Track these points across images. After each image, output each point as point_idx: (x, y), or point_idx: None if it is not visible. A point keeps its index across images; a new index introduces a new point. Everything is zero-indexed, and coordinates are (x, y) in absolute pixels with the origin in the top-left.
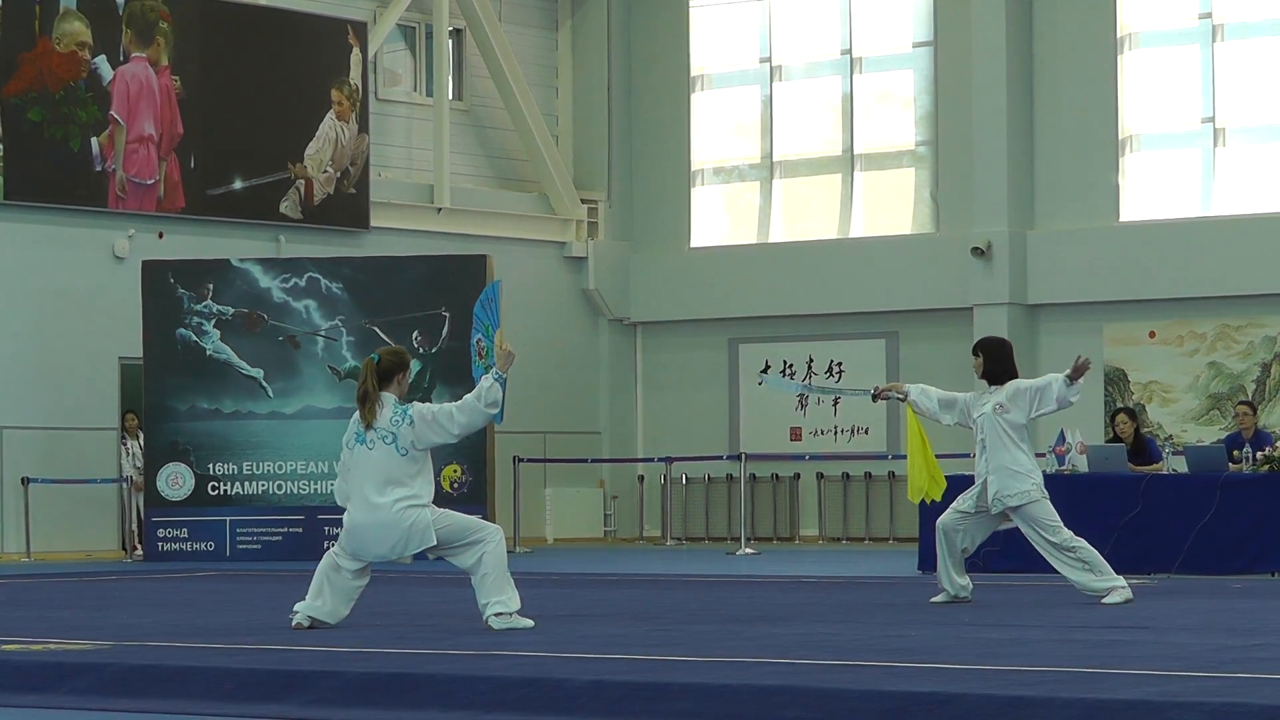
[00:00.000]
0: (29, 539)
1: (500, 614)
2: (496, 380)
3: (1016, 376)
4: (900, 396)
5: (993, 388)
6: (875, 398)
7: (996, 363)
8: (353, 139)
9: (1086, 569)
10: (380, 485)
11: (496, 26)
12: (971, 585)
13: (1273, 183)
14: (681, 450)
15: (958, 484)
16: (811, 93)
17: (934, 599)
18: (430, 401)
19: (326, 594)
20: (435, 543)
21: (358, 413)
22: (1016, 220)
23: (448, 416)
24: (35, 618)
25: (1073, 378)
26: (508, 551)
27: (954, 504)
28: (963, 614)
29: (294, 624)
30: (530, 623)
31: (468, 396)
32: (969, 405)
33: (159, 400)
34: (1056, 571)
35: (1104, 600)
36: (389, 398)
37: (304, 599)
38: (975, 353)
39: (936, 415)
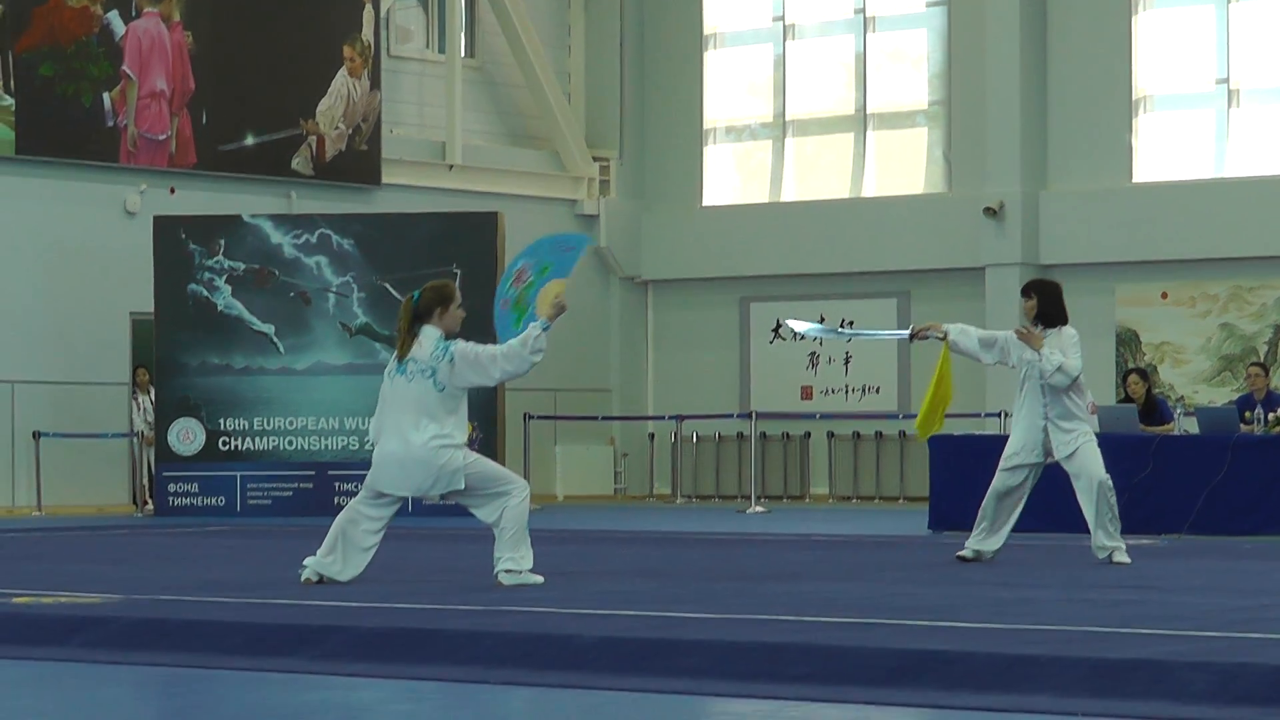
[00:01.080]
0: (40, 493)
1: (510, 570)
2: (544, 329)
3: (1067, 320)
4: (940, 336)
5: (1046, 333)
6: (913, 338)
7: (1051, 304)
8: (364, 95)
9: (1115, 520)
10: (415, 419)
11: None
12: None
13: None
14: (692, 408)
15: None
16: (824, 51)
17: (963, 554)
18: None
19: (340, 550)
20: (463, 487)
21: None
22: (1029, 180)
23: (490, 359)
24: (46, 571)
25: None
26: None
27: (1013, 458)
28: (972, 573)
29: (302, 579)
30: (540, 579)
31: (513, 341)
32: (1008, 345)
33: (170, 355)
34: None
35: (1114, 559)
36: (432, 332)
37: (315, 554)
38: (1027, 294)
39: (977, 354)
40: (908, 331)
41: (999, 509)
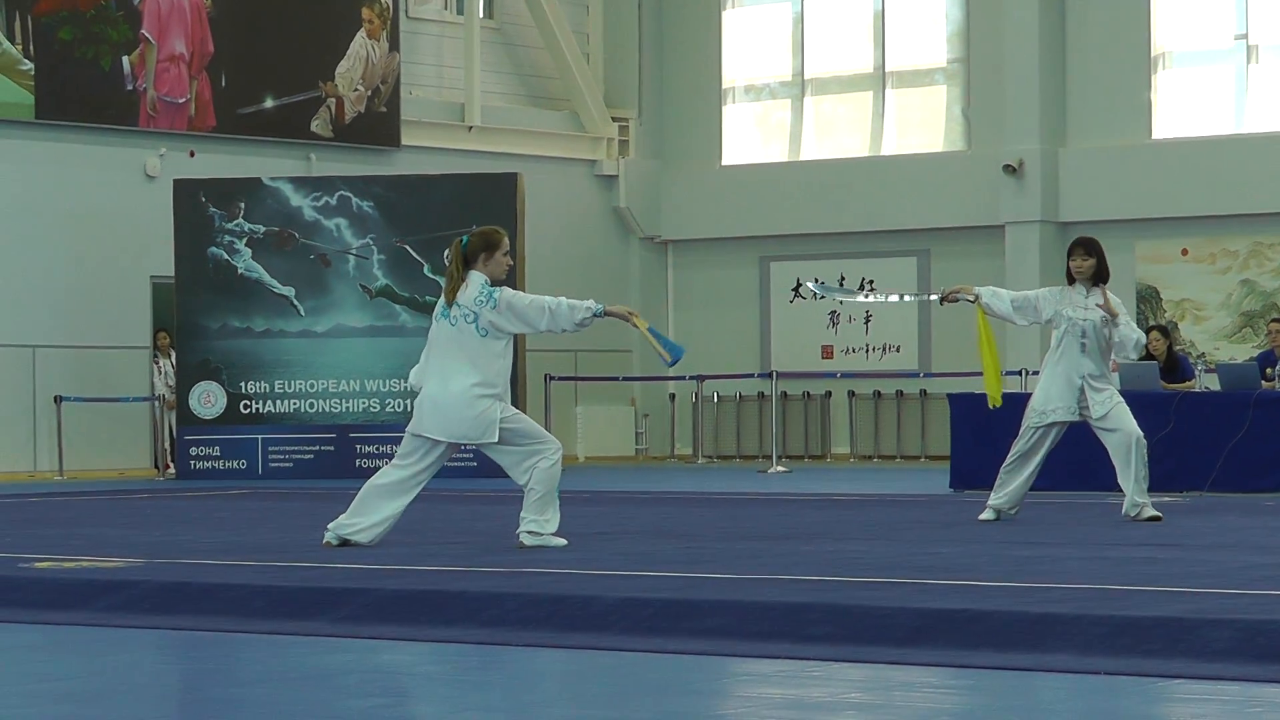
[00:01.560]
0: (62, 457)
1: (533, 533)
2: (597, 314)
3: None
4: (970, 299)
5: (1086, 292)
6: (943, 300)
7: (1103, 263)
8: (383, 57)
9: (1146, 477)
10: (458, 365)
11: None
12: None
13: None
14: (713, 368)
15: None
16: (843, 10)
17: (983, 516)
18: None
19: (365, 515)
20: (496, 440)
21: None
22: (1048, 138)
23: (538, 311)
24: (68, 535)
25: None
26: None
27: (1046, 415)
28: (993, 532)
29: (324, 541)
30: (563, 542)
31: (565, 301)
32: (1039, 302)
33: (190, 319)
34: (1092, 488)
35: (1141, 516)
36: (478, 277)
37: (338, 517)
38: (1087, 252)
39: (1010, 317)
40: (935, 295)
41: (1021, 467)
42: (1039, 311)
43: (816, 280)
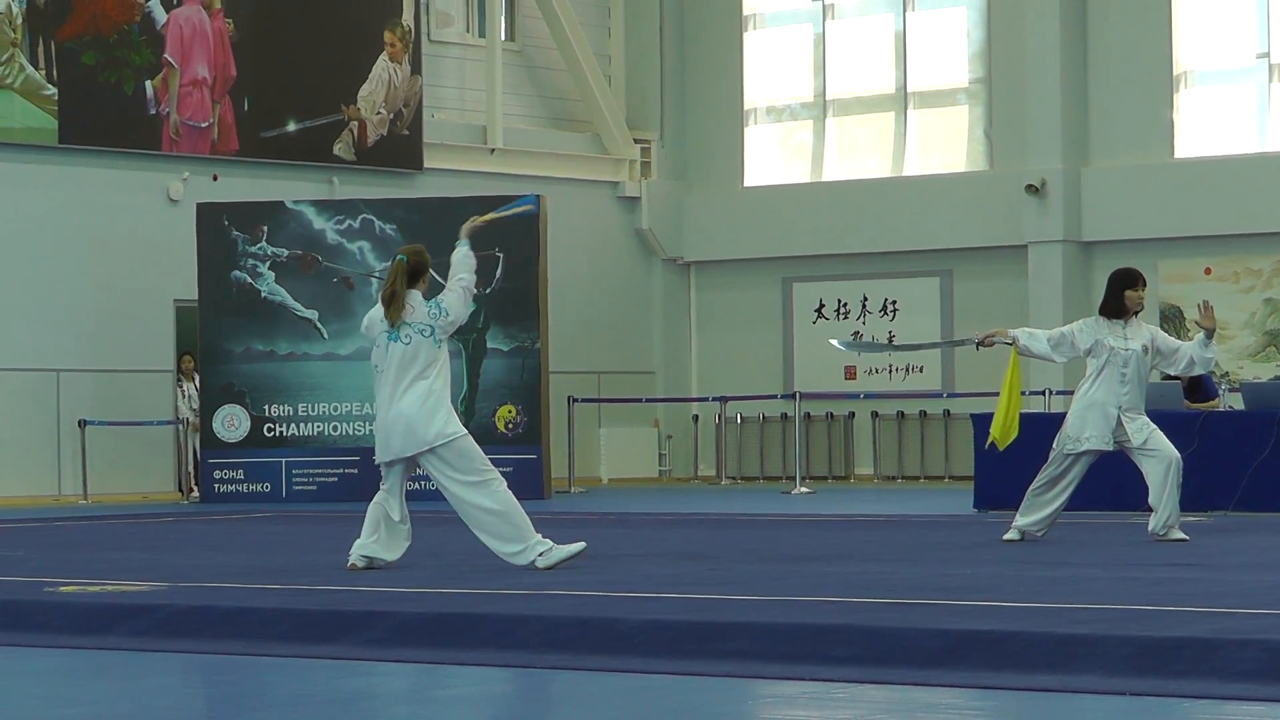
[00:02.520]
0: (86, 481)
1: (544, 554)
2: (464, 246)
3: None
4: (1007, 341)
5: (1124, 322)
6: (979, 345)
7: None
8: (405, 80)
9: (1179, 496)
10: (408, 382)
11: None
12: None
13: None
14: (736, 389)
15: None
16: (864, 30)
17: (1008, 536)
18: (486, 342)
19: (382, 531)
20: (445, 445)
21: (381, 312)
22: (1071, 157)
23: (463, 292)
24: (92, 559)
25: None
26: (560, 492)
27: (1083, 443)
28: (1018, 552)
29: (349, 565)
30: (581, 545)
31: (455, 261)
32: (1077, 337)
33: (214, 342)
34: (1116, 508)
35: (1168, 536)
36: (417, 294)
37: (359, 538)
38: (1143, 282)
39: (1049, 356)
40: (970, 337)
41: (1047, 492)
42: (1075, 346)
43: (854, 336)
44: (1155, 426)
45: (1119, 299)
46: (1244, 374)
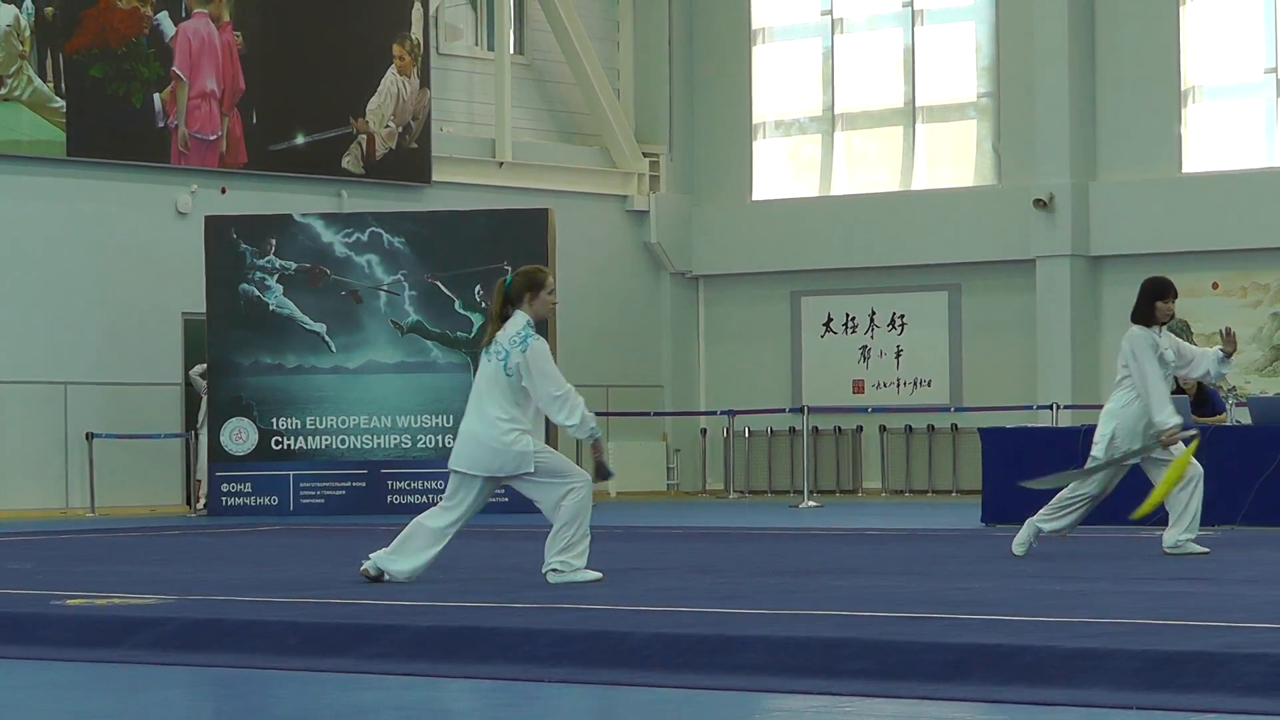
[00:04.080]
0: (93, 494)
1: (557, 570)
2: (592, 438)
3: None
4: (1193, 435)
5: (1157, 331)
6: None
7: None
8: (414, 94)
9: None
10: (493, 399)
11: None
12: None
13: None
14: (744, 403)
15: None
16: (873, 45)
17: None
18: None
19: (408, 557)
20: (533, 470)
21: None
22: (1079, 172)
23: (550, 388)
24: (100, 572)
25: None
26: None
27: (1114, 450)
28: (1026, 566)
29: (361, 569)
30: (596, 575)
31: (583, 410)
32: (1166, 351)
33: (222, 355)
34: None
35: (1190, 550)
36: (520, 317)
37: (382, 550)
38: (1175, 295)
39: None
40: (1190, 435)
41: (1080, 490)
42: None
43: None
44: None
45: (1150, 308)
46: (1251, 389)
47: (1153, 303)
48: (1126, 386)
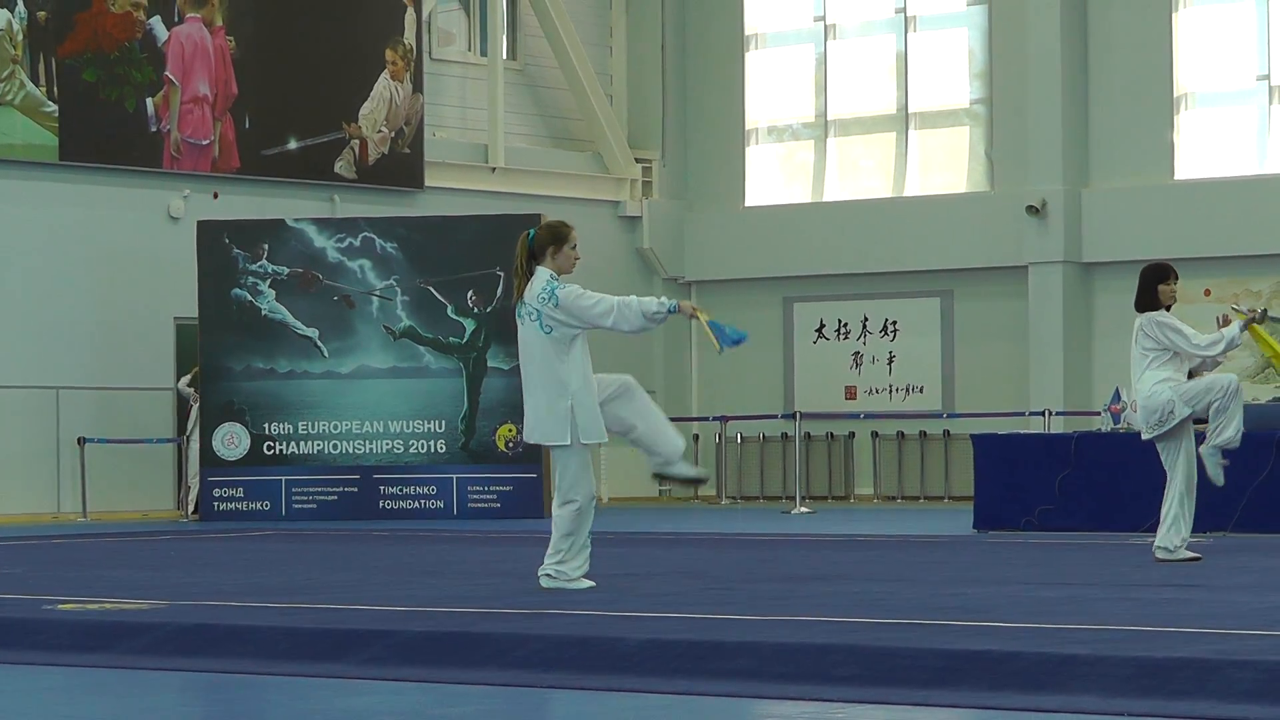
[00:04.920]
0: (85, 499)
1: (550, 576)
2: (671, 310)
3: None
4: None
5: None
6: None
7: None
8: (407, 99)
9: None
10: (535, 365)
11: None
12: None
13: None
14: (736, 409)
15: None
16: (866, 51)
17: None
18: (486, 361)
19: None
20: (568, 442)
21: None
22: (1071, 178)
23: (604, 310)
24: (91, 577)
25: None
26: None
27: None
28: (1018, 573)
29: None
30: (590, 584)
31: (633, 299)
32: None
33: (214, 360)
34: (1115, 528)
35: (1181, 556)
36: (543, 272)
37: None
38: (1175, 276)
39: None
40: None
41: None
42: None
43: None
44: None
45: (1152, 293)
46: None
47: (1154, 287)
48: (1155, 365)
